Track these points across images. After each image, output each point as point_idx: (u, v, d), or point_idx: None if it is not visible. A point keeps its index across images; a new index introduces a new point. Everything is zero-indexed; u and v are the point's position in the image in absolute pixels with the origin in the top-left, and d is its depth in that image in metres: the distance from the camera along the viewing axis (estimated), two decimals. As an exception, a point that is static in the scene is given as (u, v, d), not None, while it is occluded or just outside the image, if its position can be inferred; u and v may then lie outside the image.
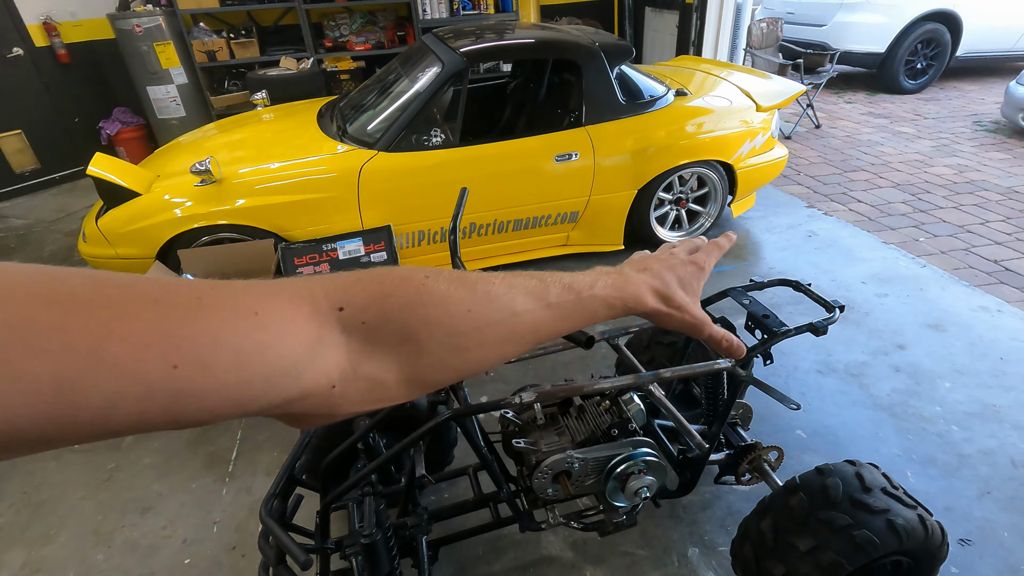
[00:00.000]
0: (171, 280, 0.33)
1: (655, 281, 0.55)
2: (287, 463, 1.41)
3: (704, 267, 0.61)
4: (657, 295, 0.55)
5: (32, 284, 0.27)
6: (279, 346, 0.34)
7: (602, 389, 1.37)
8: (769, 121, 3.44)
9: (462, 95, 2.93)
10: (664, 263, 0.58)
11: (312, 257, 2.58)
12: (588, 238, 3.39)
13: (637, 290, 0.53)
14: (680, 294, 0.56)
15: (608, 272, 0.54)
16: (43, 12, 4.87)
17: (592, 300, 0.50)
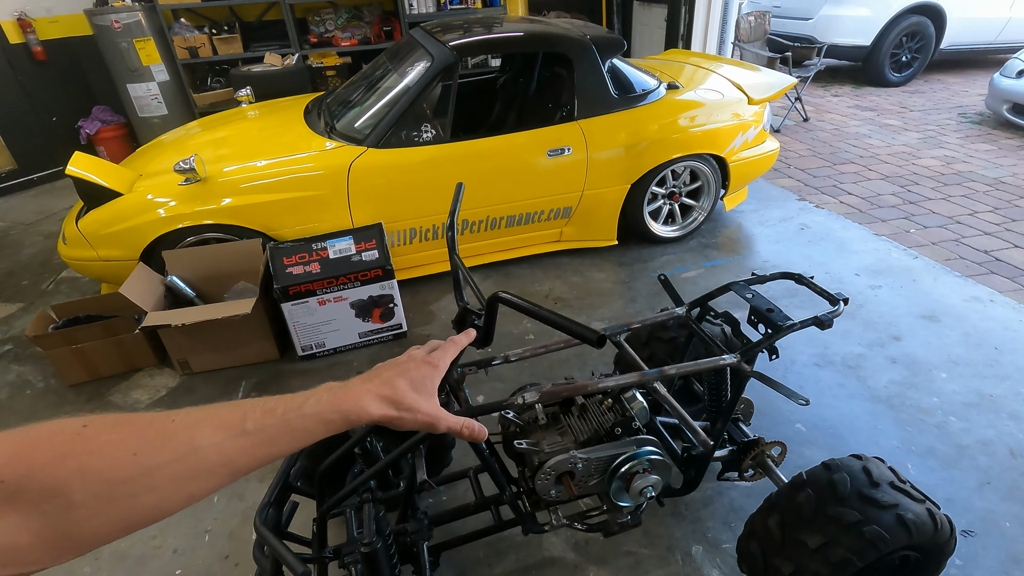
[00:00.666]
0: None
1: (382, 388, 0.57)
2: (282, 469, 1.36)
3: (439, 365, 0.65)
4: (384, 401, 0.57)
5: None
6: None
7: (606, 387, 1.34)
8: (761, 114, 3.43)
9: (453, 90, 2.88)
10: (395, 368, 0.62)
11: (302, 256, 2.52)
12: (581, 234, 3.36)
13: (358, 401, 0.55)
14: (410, 396, 0.59)
15: (331, 388, 0.56)
16: (17, 8, 4.73)
17: (302, 419, 0.51)
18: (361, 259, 2.55)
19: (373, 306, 2.64)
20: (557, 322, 0.90)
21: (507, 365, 2.12)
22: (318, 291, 2.51)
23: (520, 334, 2.78)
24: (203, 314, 2.41)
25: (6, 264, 3.71)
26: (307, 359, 2.67)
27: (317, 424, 0.52)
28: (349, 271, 2.53)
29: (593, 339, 0.85)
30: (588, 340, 0.86)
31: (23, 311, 3.19)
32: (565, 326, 0.89)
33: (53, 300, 3.28)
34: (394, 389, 0.58)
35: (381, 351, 2.72)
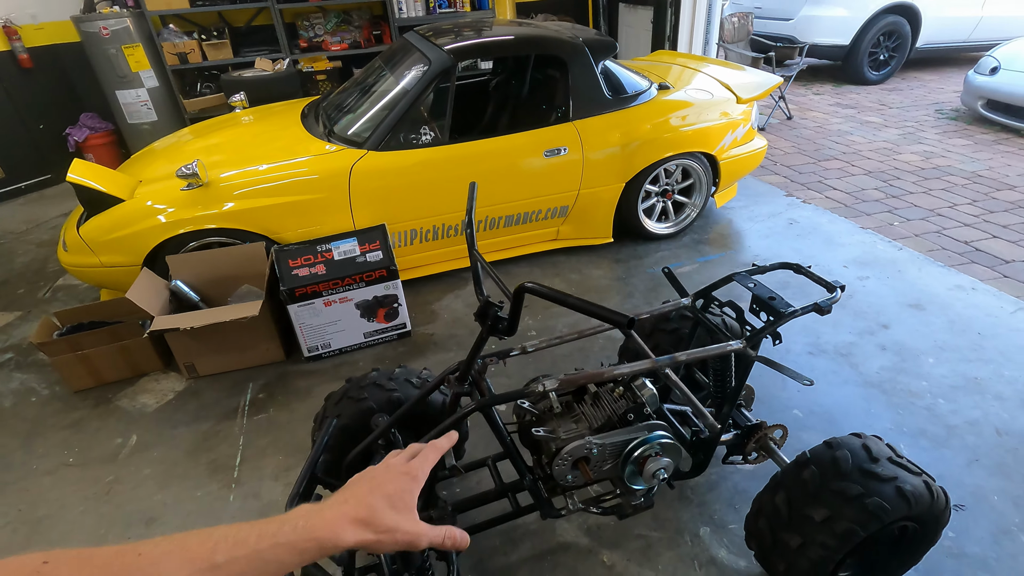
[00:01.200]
0: None
1: (358, 510, 0.54)
2: (309, 462, 1.40)
3: (417, 476, 0.61)
4: (360, 525, 0.54)
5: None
6: None
7: (621, 375, 1.40)
8: (749, 113, 3.53)
9: (450, 92, 2.93)
10: (370, 484, 0.58)
11: (307, 259, 2.55)
12: (578, 232, 3.43)
13: (331, 526, 0.52)
14: (388, 516, 0.56)
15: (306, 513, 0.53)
16: (2, 15, 4.69)
17: (275, 550, 0.49)
18: (366, 260, 2.59)
19: (378, 306, 2.68)
20: (587, 308, 0.95)
21: (510, 361, 2.20)
22: (324, 292, 2.55)
23: (522, 331, 2.84)
24: (210, 317, 2.43)
25: (0, 273, 3.68)
26: (313, 360, 2.70)
27: (291, 554, 0.50)
28: (354, 272, 2.56)
29: (624, 322, 0.90)
30: (619, 324, 0.92)
31: (21, 320, 3.18)
32: (595, 312, 0.95)
33: (51, 308, 3.27)
34: (371, 510, 0.55)
35: (386, 350, 2.76)
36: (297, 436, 2.28)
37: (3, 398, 2.58)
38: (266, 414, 2.41)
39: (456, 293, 3.18)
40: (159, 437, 2.32)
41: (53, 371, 2.73)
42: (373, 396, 1.70)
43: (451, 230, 3.12)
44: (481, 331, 1.28)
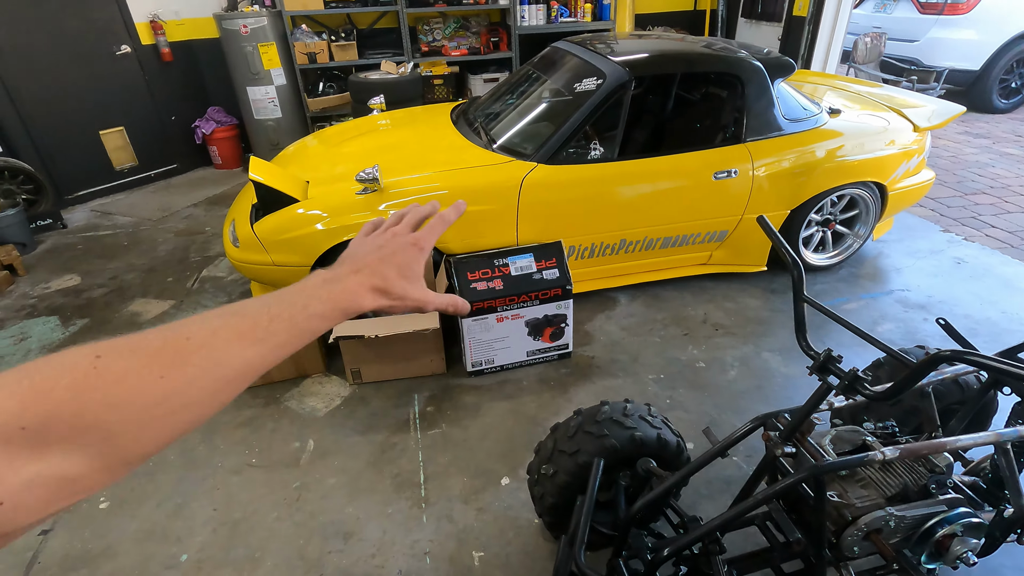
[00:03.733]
0: None
1: (372, 279, 0.57)
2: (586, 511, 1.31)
3: (424, 247, 0.62)
4: (376, 292, 0.56)
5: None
6: None
7: (966, 446, 1.25)
8: (923, 142, 3.29)
9: (624, 108, 2.83)
10: (380, 254, 0.59)
11: (485, 272, 2.49)
12: (731, 258, 3.27)
13: (353, 295, 0.55)
14: (399, 284, 0.58)
15: (323, 280, 0.55)
16: (151, 11, 4.89)
17: (308, 320, 0.51)
18: (542, 277, 2.51)
19: (546, 325, 2.60)
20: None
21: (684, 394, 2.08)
22: (498, 308, 2.48)
23: (688, 360, 2.70)
24: (393, 327, 2.40)
25: (146, 260, 3.80)
26: (475, 375, 2.64)
27: (320, 323, 0.52)
28: (530, 289, 2.49)
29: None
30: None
31: (175, 308, 3.25)
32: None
33: (200, 298, 3.34)
34: (384, 279, 0.57)
35: (547, 370, 2.67)
36: (477, 457, 2.21)
37: (176, 389, 2.61)
38: (439, 429, 2.35)
39: (607, 314, 3.07)
40: (336, 445, 2.29)
41: (217, 365, 2.76)
42: (613, 433, 1.60)
43: (608, 248, 3.01)
44: (821, 386, 1.16)
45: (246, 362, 0.46)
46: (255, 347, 0.47)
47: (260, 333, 0.48)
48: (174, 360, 0.42)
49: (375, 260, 0.58)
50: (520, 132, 2.98)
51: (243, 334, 0.47)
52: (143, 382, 0.40)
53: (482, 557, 1.84)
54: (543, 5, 5.47)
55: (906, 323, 2.93)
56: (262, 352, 0.48)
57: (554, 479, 1.64)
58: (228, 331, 0.46)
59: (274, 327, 0.49)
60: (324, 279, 0.55)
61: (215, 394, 0.45)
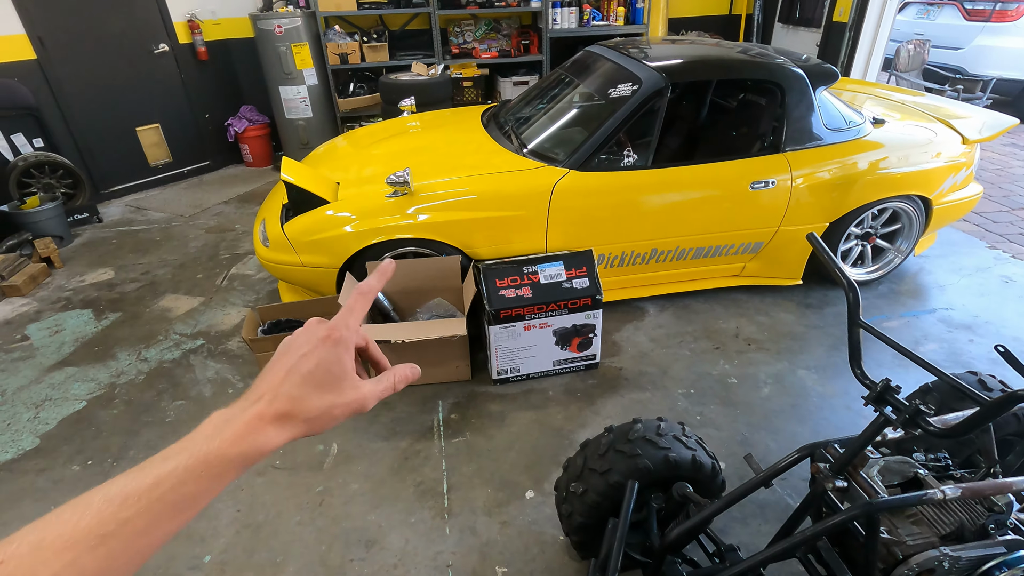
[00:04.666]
0: None
1: (271, 406, 0.46)
2: (619, 537, 1.26)
3: (341, 337, 0.50)
4: (282, 421, 0.46)
5: None
6: None
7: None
8: (972, 155, 3.16)
9: (659, 115, 2.77)
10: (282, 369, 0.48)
11: (514, 279, 2.45)
12: (765, 270, 3.18)
13: (248, 440, 0.44)
14: (311, 401, 0.47)
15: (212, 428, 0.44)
16: (189, 10, 4.97)
17: (180, 488, 0.41)
18: (572, 286, 2.46)
19: (574, 335, 2.55)
20: None
21: (714, 410, 2.07)
22: (527, 316, 2.44)
23: (720, 376, 2.62)
24: (421, 332, 2.37)
25: (177, 256, 3.85)
26: (500, 383, 2.60)
27: (206, 483, 0.42)
28: (560, 298, 2.44)
29: None
30: None
31: (204, 305, 3.28)
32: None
33: (228, 296, 3.36)
34: (291, 401, 0.46)
35: (574, 381, 2.62)
36: (501, 468, 2.17)
37: (203, 386, 2.63)
38: (463, 438, 2.32)
39: (635, 324, 3.00)
40: (360, 449, 2.27)
41: (244, 363, 2.78)
42: (647, 453, 1.54)
43: (638, 258, 2.95)
44: (878, 418, 1.09)
45: (84, 568, 0.37)
46: (98, 551, 0.37)
47: (107, 528, 0.38)
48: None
49: (276, 380, 0.47)
50: (552, 137, 2.94)
51: (77, 539, 0.37)
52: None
53: (506, 573, 1.80)
54: (575, 8, 5.42)
55: (950, 344, 2.80)
56: (109, 552, 0.38)
57: (583, 498, 1.59)
58: (56, 541, 0.37)
59: (123, 515, 0.38)
60: (217, 422, 0.45)
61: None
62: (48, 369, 2.77)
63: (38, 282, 3.55)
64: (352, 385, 0.50)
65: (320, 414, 0.47)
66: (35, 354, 2.89)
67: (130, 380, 2.69)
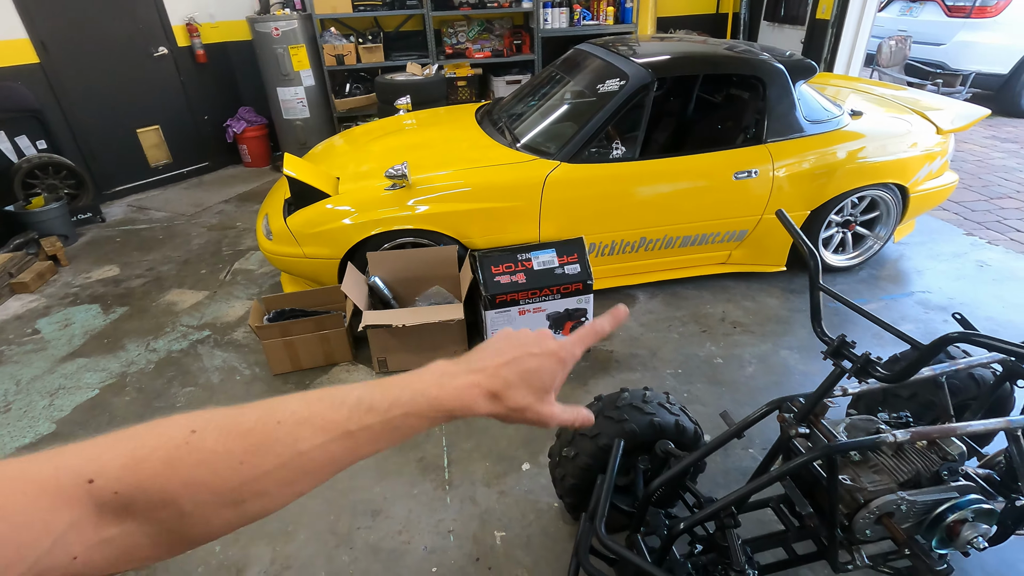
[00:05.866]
0: None
1: (489, 381, 0.52)
2: (606, 489, 1.37)
3: (565, 359, 0.55)
4: (491, 398, 0.52)
5: None
6: (16, 539, 0.34)
7: (976, 431, 1.29)
8: (946, 144, 3.29)
9: (646, 109, 2.89)
10: (511, 355, 0.54)
11: (508, 266, 2.57)
12: (751, 257, 3.30)
13: (463, 399, 0.50)
14: (518, 394, 0.52)
15: (440, 373, 0.51)
16: (187, 14, 5.07)
17: (404, 418, 0.48)
18: (564, 272, 2.58)
19: (567, 319, 2.67)
20: None
21: (700, 387, 2.13)
22: (521, 301, 2.56)
23: (707, 356, 2.75)
24: (420, 317, 2.49)
25: (181, 253, 3.95)
26: (497, 366, 2.71)
27: (421, 422, 0.49)
28: (552, 283, 2.56)
29: None
30: None
31: (209, 299, 3.38)
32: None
33: (232, 289, 3.47)
34: (505, 385, 0.52)
35: (568, 364, 2.73)
36: (499, 443, 2.29)
37: (211, 374, 2.74)
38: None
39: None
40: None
41: (250, 352, 2.88)
42: (633, 418, 1.66)
43: (628, 246, 3.07)
44: (835, 370, 1.21)
45: (329, 456, 0.45)
46: (341, 441, 0.45)
47: (351, 426, 0.46)
48: (258, 447, 0.42)
49: (501, 361, 0.53)
50: (543, 131, 3.06)
51: (331, 425, 0.45)
52: (223, 466, 0.40)
53: (504, 537, 1.91)
54: (566, 8, 5.55)
55: (926, 324, 2.94)
56: (349, 445, 0.46)
57: (575, 461, 1.71)
58: (317, 420, 0.45)
59: (365, 421, 0.46)
60: (441, 372, 0.52)
61: (290, 484, 0.44)
62: (60, 360, 2.87)
63: (45, 279, 3.65)
64: (550, 401, 0.55)
65: (518, 408, 0.53)
66: (47, 347, 2.98)
67: (140, 369, 2.79)
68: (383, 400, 0.48)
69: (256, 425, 0.43)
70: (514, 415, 0.53)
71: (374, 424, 0.47)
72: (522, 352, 0.54)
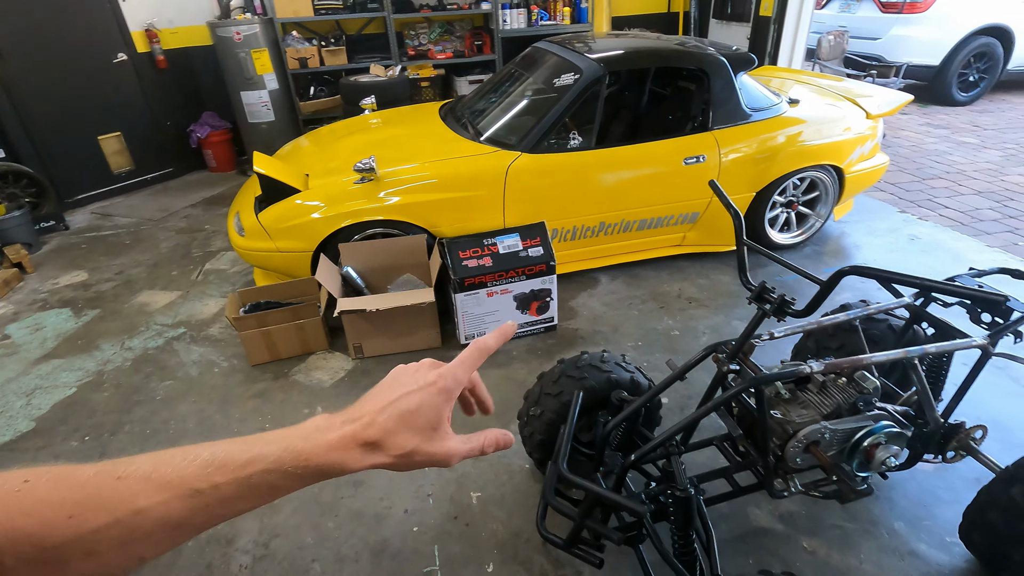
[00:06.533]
0: None
1: (364, 431, 0.48)
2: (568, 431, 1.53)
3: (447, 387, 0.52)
4: (369, 448, 0.48)
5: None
6: None
7: (879, 361, 1.49)
8: (876, 128, 3.58)
9: (600, 100, 3.08)
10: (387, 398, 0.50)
11: (475, 251, 2.71)
12: (704, 238, 3.52)
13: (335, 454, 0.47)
14: (400, 439, 0.49)
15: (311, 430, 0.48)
16: (146, 20, 5.07)
17: (264, 475, 0.44)
18: (528, 255, 2.74)
19: (533, 299, 2.82)
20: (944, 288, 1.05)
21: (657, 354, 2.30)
22: (489, 283, 2.70)
23: (664, 329, 2.94)
24: (391, 301, 2.61)
25: (150, 256, 3.97)
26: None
27: (286, 480, 0.45)
28: (517, 265, 2.71)
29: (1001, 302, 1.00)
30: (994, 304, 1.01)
31: (182, 299, 3.43)
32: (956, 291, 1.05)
33: (205, 288, 3.52)
34: (383, 432, 0.48)
35: (536, 342, 2.89)
36: (473, 417, 2.41)
37: (190, 368, 2.80)
38: (437, 394, 2.56)
39: (590, 292, 3.30)
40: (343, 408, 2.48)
41: (227, 345, 2.95)
42: (592, 376, 1.83)
43: (588, 231, 3.25)
44: (757, 312, 1.39)
45: (172, 516, 0.41)
46: (188, 500, 0.41)
47: (200, 485, 0.42)
48: (91, 499, 0.39)
49: (377, 407, 0.49)
50: (505, 125, 3.22)
51: (178, 482, 0.41)
52: (51, 517, 0.37)
53: (480, 496, 2.05)
54: (524, 9, 5.73)
55: (863, 292, 3.19)
56: (196, 506, 0.42)
57: (541, 418, 1.86)
58: (163, 476, 0.41)
59: (215, 480, 0.42)
60: (315, 426, 0.48)
61: (124, 545, 0.40)
62: (34, 362, 2.89)
63: (12, 287, 3.63)
64: (441, 436, 0.51)
65: (404, 453, 0.49)
66: (18, 351, 3.00)
67: (117, 367, 2.84)
68: (241, 455, 0.44)
69: (93, 479, 0.40)
70: (402, 462, 0.49)
71: (225, 482, 0.43)
72: (398, 393, 0.51)
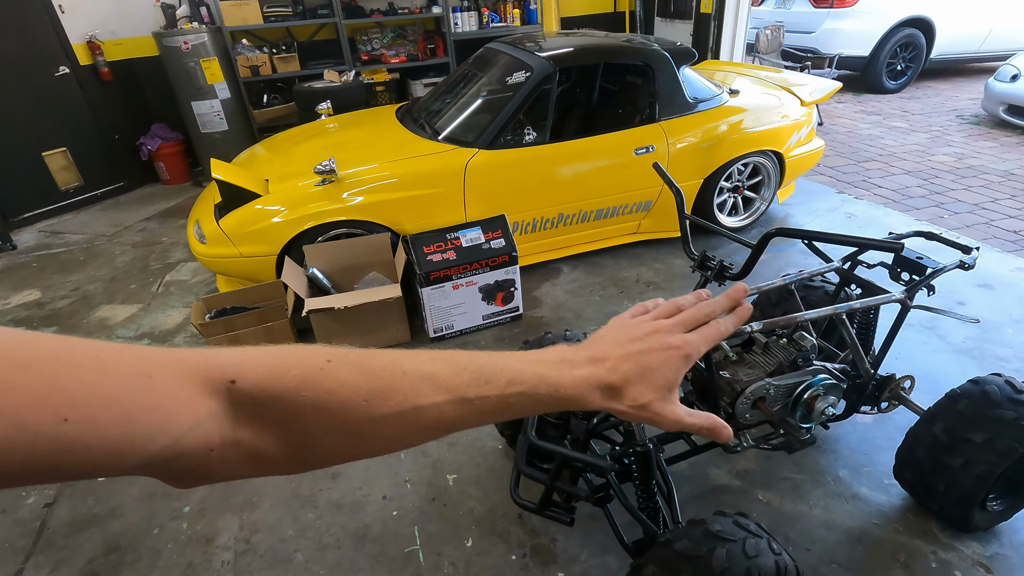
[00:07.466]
0: (71, 339, 0.34)
1: (608, 375, 0.50)
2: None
3: (691, 355, 0.52)
4: (609, 393, 0.50)
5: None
6: (165, 409, 0.36)
7: (813, 318, 1.63)
8: (810, 115, 3.81)
9: (551, 97, 3.20)
10: (632, 348, 0.51)
11: (439, 245, 2.79)
12: (658, 225, 3.69)
13: (579, 390, 0.49)
14: (639, 390, 0.50)
15: (559, 359, 0.50)
16: (87, 31, 4.95)
17: (519, 398, 0.47)
18: (490, 247, 2.83)
19: (497, 290, 2.92)
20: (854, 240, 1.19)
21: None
22: (454, 276, 2.78)
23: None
24: (359, 298, 2.66)
25: (107, 271, 3.89)
26: (437, 340, 2.93)
27: (534, 405, 0.48)
28: (481, 257, 2.80)
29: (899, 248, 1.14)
30: (894, 249, 1.15)
31: (143, 311, 3.38)
32: (864, 243, 1.18)
33: (167, 300, 3.48)
34: (624, 380, 0.50)
35: (502, 331, 2.99)
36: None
37: (156, 377, 2.78)
38: (409, 387, 2.62)
39: (553, 282, 3.42)
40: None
41: (193, 354, 2.94)
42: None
43: (548, 223, 3.37)
44: (701, 278, 1.52)
45: (442, 417, 0.45)
46: (456, 406, 0.45)
47: (469, 394, 0.46)
48: (382, 390, 0.43)
49: (622, 354, 0.51)
50: (461, 123, 3.30)
51: (451, 388, 0.45)
52: (349, 399, 0.42)
53: (456, 478, 2.13)
54: (474, 12, 5.83)
55: (805, 265, 3.38)
56: (462, 413, 0.46)
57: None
58: (440, 380, 0.45)
59: (483, 392, 0.46)
60: (561, 358, 0.50)
61: (403, 435, 0.45)
62: (-10, 383, 2.81)
63: (-41, 309, 3.50)
64: (671, 400, 0.51)
65: (638, 405, 0.50)
66: (-28, 372, 2.90)
67: (79, 382, 2.79)
68: (502, 375, 0.47)
69: (384, 370, 0.44)
70: (633, 412, 0.51)
71: (491, 396, 0.46)
72: (644, 346, 0.51)
